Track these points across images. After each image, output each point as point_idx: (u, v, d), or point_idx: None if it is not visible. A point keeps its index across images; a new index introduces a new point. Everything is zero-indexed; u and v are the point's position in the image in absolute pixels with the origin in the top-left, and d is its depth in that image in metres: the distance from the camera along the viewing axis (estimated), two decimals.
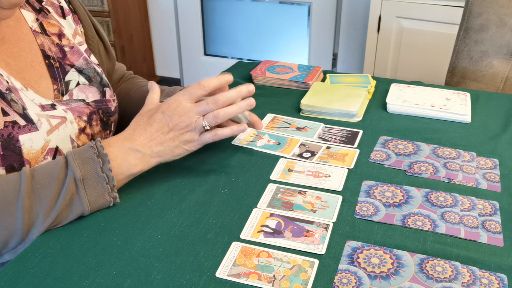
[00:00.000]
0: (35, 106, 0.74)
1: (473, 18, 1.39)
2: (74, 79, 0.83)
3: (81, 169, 0.69)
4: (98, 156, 0.70)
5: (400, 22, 2.19)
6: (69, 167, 0.69)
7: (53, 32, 0.83)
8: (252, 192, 0.76)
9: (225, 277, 0.60)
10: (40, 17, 0.82)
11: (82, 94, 0.83)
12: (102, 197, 0.71)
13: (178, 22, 3.07)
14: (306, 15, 2.80)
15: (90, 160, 0.70)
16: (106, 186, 0.70)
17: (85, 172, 0.69)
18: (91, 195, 0.69)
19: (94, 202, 0.70)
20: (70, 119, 0.78)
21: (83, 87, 0.84)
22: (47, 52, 0.81)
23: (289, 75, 1.17)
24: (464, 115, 0.99)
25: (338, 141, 0.92)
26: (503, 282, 0.60)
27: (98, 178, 0.70)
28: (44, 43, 0.81)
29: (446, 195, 0.76)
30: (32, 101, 0.74)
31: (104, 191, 0.70)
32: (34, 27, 0.81)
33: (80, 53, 0.86)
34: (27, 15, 0.81)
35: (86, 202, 0.69)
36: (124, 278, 0.60)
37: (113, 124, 0.89)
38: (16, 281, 0.60)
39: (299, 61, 2.88)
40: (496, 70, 1.38)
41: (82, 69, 0.85)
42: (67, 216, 0.69)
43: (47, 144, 0.74)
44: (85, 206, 0.69)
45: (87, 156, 0.70)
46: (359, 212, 0.72)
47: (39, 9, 0.83)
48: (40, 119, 0.74)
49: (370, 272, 0.62)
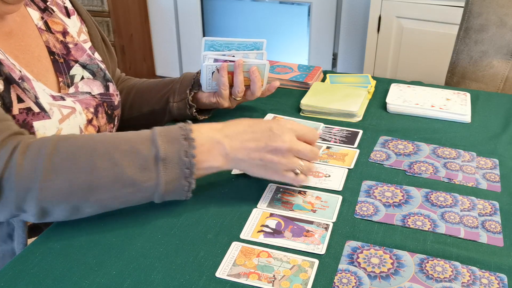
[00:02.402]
0: (46, 95, 0.76)
1: (473, 18, 1.39)
2: (79, 74, 0.85)
3: (166, 148, 0.66)
4: (185, 139, 0.67)
5: (400, 22, 2.19)
6: (153, 144, 0.66)
7: (58, 30, 0.86)
8: (252, 192, 0.76)
9: (225, 277, 0.60)
10: (45, 15, 0.85)
11: (87, 87, 0.85)
12: (178, 181, 0.67)
13: (178, 22, 3.07)
14: (306, 15, 2.80)
15: (176, 141, 0.67)
16: (186, 171, 0.67)
17: (168, 152, 0.66)
18: (168, 176, 0.66)
19: (168, 183, 0.66)
20: (79, 110, 0.80)
21: (87, 80, 0.86)
22: (52, 48, 0.83)
23: (289, 75, 1.17)
24: (464, 115, 0.99)
25: (338, 141, 0.92)
26: (503, 282, 0.60)
27: (179, 162, 0.66)
28: (49, 40, 0.84)
29: (446, 195, 0.76)
30: (43, 90, 0.76)
31: (182, 175, 0.67)
32: (40, 25, 0.83)
33: (83, 49, 0.88)
34: (32, 13, 0.83)
35: (162, 182, 0.66)
36: (124, 278, 0.60)
37: (116, 118, 0.91)
38: (16, 281, 0.60)
39: (299, 61, 2.88)
40: (496, 70, 1.38)
41: (86, 64, 0.87)
42: (134, 192, 0.66)
43: (59, 133, 0.75)
44: (160, 184, 0.66)
45: (175, 136, 0.67)
46: (359, 212, 0.72)
47: (43, 8, 0.85)
48: (52, 108, 0.75)
49: (370, 272, 0.62)
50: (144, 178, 0.65)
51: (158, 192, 0.67)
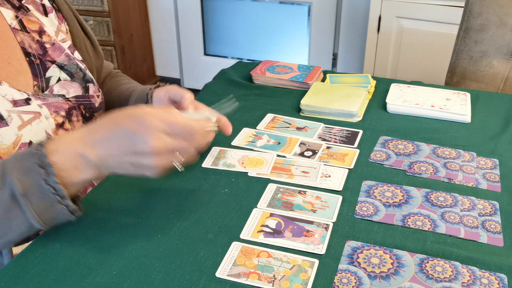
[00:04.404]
0: (6, 102, 0.74)
1: (473, 18, 1.39)
2: (55, 75, 0.83)
3: (22, 183, 0.60)
4: (41, 166, 0.61)
5: (400, 22, 2.19)
6: (6, 181, 0.61)
7: (33, 29, 0.82)
8: (252, 192, 0.76)
9: (225, 277, 0.60)
10: (19, 14, 0.82)
11: (63, 89, 0.83)
12: (52, 207, 0.62)
13: (178, 22, 3.07)
14: (306, 15, 2.80)
15: (32, 171, 0.61)
16: (54, 196, 0.62)
17: (27, 186, 0.60)
18: (38, 207, 0.61)
19: (44, 214, 0.62)
20: (45, 114, 0.78)
21: (64, 83, 0.83)
22: (28, 49, 0.80)
23: (289, 75, 1.17)
24: (464, 115, 0.99)
25: (338, 141, 0.92)
26: (503, 282, 0.60)
27: (43, 191, 0.61)
28: (24, 40, 0.80)
29: (446, 195, 0.76)
30: (3, 97, 0.74)
31: (53, 201, 0.62)
32: (14, 25, 0.80)
33: (61, 49, 0.85)
34: (5, 12, 0.80)
35: (34, 214, 0.61)
36: (124, 278, 0.60)
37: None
38: (16, 281, 0.60)
39: (299, 61, 2.88)
40: (496, 70, 1.38)
41: (63, 65, 0.84)
42: (7, 232, 0.62)
43: (19, 139, 0.73)
44: (32, 219, 0.61)
45: (28, 165, 0.61)
46: (359, 212, 0.72)
47: (18, 6, 0.82)
48: (10, 114, 0.73)
49: (370, 272, 0.62)
50: (10, 216, 0.61)
51: (34, 224, 0.62)
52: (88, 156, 0.63)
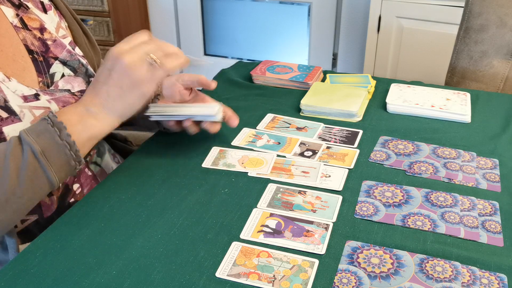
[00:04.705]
0: (17, 97, 0.74)
1: (473, 18, 1.39)
2: (59, 71, 0.83)
3: (38, 142, 0.67)
4: (53, 126, 0.68)
5: (400, 22, 2.19)
6: (24, 142, 0.67)
7: (34, 26, 0.83)
8: (252, 192, 0.76)
9: (225, 277, 0.60)
10: (20, 12, 0.82)
11: (67, 84, 0.84)
12: (68, 164, 0.69)
13: (178, 22, 3.07)
14: (306, 15, 2.80)
15: (46, 131, 0.68)
16: (69, 152, 0.69)
17: (43, 144, 0.67)
18: (55, 165, 0.68)
19: (60, 171, 0.69)
20: (54, 109, 0.78)
21: (68, 78, 0.84)
22: (30, 47, 0.81)
23: (289, 75, 1.17)
24: (464, 115, 0.99)
25: (338, 141, 0.92)
26: (503, 282, 0.60)
27: (59, 147, 0.68)
28: (26, 38, 0.81)
29: (446, 195, 0.76)
30: (14, 92, 0.74)
31: (68, 158, 0.69)
32: (15, 23, 0.81)
33: (63, 45, 0.86)
34: (6, 11, 0.80)
35: (52, 173, 0.68)
36: (124, 278, 0.60)
37: None
38: (16, 281, 0.60)
39: (299, 61, 2.88)
40: (496, 70, 1.38)
41: (66, 61, 0.85)
42: (36, 191, 0.68)
43: None
44: (51, 177, 0.68)
45: (41, 128, 0.68)
46: (359, 212, 0.72)
47: (18, 4, 0.83)
48: (22, 110, 0.74)
49: (370, 272, 0.62)
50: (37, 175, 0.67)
51: (53, 183, 0.69)
52: (91, 108, 0.73)
